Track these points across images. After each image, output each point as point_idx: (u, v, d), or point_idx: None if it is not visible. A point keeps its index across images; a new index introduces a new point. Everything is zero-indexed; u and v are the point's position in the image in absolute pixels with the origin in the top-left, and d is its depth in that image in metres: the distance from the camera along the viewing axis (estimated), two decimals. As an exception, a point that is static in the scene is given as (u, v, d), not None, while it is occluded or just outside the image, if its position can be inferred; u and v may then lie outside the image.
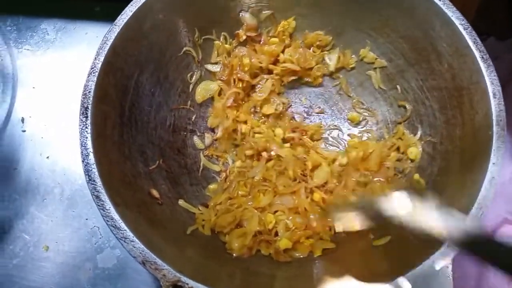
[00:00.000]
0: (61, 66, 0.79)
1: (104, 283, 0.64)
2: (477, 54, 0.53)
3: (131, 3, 0.57)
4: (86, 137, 0.50)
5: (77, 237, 0.67)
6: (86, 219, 0.68)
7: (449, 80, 0.57)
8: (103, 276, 0.65)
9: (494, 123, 0.50)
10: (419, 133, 0.62)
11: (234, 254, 0.57)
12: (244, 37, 0.68)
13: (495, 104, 0.51)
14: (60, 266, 0.66)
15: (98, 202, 0.48)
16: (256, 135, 0.66)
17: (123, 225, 0.47)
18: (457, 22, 0.55)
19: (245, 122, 0.66)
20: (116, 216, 0.47)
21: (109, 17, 0.57)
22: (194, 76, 0.68)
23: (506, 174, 0.82)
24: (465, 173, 0.52)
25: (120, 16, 0.56)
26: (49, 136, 0.74)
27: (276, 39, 0.68)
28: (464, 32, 0.54)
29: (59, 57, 0.80)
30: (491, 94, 0.51)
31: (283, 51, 0.69)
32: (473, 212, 0.47)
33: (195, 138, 0.67)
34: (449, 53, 0.56)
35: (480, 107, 0.52)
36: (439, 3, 0.55)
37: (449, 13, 0.55)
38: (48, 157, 0.72)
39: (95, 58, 0.54)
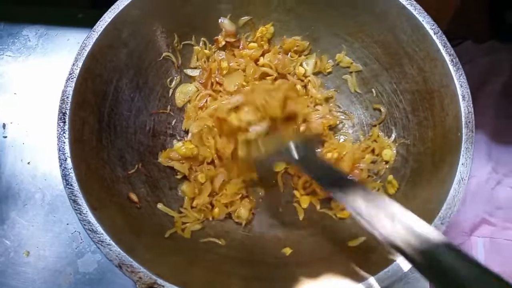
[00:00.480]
0: (43, 72, 0.80)
1: (85, 287, 0.64)
2: (447, 58, 0.54)
3: (110, 9, 0.58)
4: (64, 142, 0.51)
5: (58, 242, 0.67)
6: (67, 224, 0.68)
7: (421, 83, 0.58)
8: (84, 280, 0.65)
9: (463, 125, 0.52)
10: (393, 135, 0.63)
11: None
12: (223, 42, 0.69)
13: (464, 106, 0.52)
14: (41, 271, 0.66)
15: (75, 206, 0.48)
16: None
17: (99, 228, 0.47)
18: (427, 26, 0.56)
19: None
20: (93, 220, 0.48)
21: (91, 24, 0.57)
22: (174, 81, 0.69)
23: (483, 175, 0.84)
24: (435, 174, 0.53)
25: (98, 22, 0.57)
26: (30, 142, 0.74)
27: (254, 44, 0.69)
28: (434, 37, 0.56)
29: (40, 64, 0.81)
30: (460, 97, 0.53)
31: (262, 56, 0.70)
32: (442, 212, 0.48)
33: (175, 142, 0.67)
34: (420, 57, 0.58)
35: (450, 109, 0.54)
36: (410, 8, 0.57)
37: (420, 18, 0.56)
38: (29, 162, 0.73)
39: (73, 64, 0.55)
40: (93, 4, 0.95)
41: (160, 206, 0.60)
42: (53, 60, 0.81)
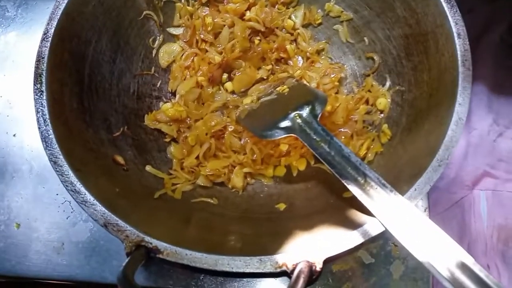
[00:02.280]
0: (23, 43, 0.77)
1: (79, 256, 0.63)
2: (441, -4, 0.52)
3: (82, -36, 0.55)
4: (42, 104, 0.49)
5: (48, 213, 0.66)
6: (57, 194, 0.67)
7: (414, 26, 0.56)
8: (77, 250, 0.64)
9: (460, 63, 0.49)
10: (387, 83, 0.61)
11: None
12: (207, -4, 0.66)
13: (460, 44, 0.50)
14: (33, 243, 0.64)
15: (56, 168, 0.46)
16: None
17: (82, 188, 0.46)
18: (418, -37, 0.53)
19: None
20: (75, 180, 0.46)
21: None
22: (157, 41, 0.66)
23: (484, 126, 0.82)
24: (432, 117, 0.51)
25: (71, -21, 0.54)
26: (14, 114, 0.72)
27: (240, -3, 0.66)
28: (426, -27, 0.53)
29: (21, 34, 0.78)
30: (455, 35, 0.50)
31: (248, 10, 0.67)
32: (440, 153, 0.46)
33: (162, 104, 0.65)
34: (412, -3, 0.55)
35: (445, 49, 0.51)
36: None
37: (410, -45, 0.53)
38: (14, 135, 0.71)
39: (48, 23, 0.53)
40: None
41: (148, 168, 0.58)
42: (33, 30, 0.78)
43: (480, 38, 0.86)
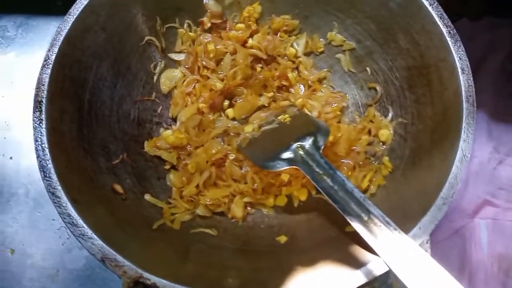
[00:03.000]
0: (23, 63, 0.77)
1: (73, 284, 0.62)
2: (444, 30, 0.52)
3: (86, -9, 0.55)
4: (41, 132, 0.48)
5: (44, 239, 0.65)
6: (53, 219, 0.66)
7: (417, 58, 0.56)
8: (72, 277, 0.63)
9: (464, 99, 0.49)
10: (390, 114, 0.61)
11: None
12: (209, 24, 0.66)
13: (464, 80, 0.50)
14: (27, 270, 0.63)
15: (54, 199, 0.45)
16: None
17: (80, 221, 0.45)
18: (422, -3, 0.53)
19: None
20: (73, 212, 0.45)
21: None
22: (158, 66, 0.66)
23: (484, 155, 0.82)
24: (436, 153, 0.50)
25: (74, 5, 0.55)
26: (12, 136, 0.71)
27: (242, 25, 0.66)
28: (430, 8, 0.53)
29: (20, 54, 0.78)
30: (459, 70, 0.50)
31: (250, 37, 0.67)
32: (445, 192, 0.45)
33: (162, 131, 0.64)
34: (415, 30, 0.55)
35: (449, 84, 0.51)
36: (403, -21, 0.54)
37: (414, -11, 0.53)
38: (11, 157, 0.70)
39: (49, 49, 0.52)
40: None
41: (147, 197, 0.57)
42: (33, 50, 0.78)
43: (480, 65, 0.87)
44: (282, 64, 0.66)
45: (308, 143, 0.53)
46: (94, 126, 0.56)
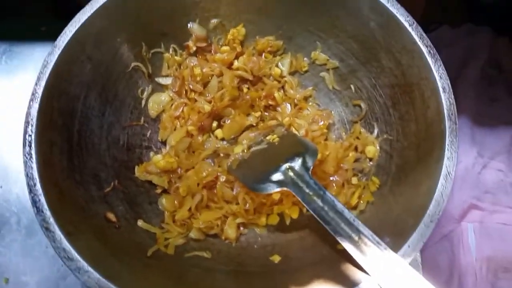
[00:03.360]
0: (8, 90, 0.77)
1: (70, 312, 0.62)
2: (424, 49, 0.53)
3: (70, 23, 0.55)
4: (32, 167, 0.48)
5: (38, 266, 0.65)
6: (46, 247, 0.66)
7: (400, 76, 0.57)
8: (68, 305, 0.63)
9: (446, 117, 0.51)
10: (375, 131, 0.62)
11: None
12: (194, 48, 0.67)
13: (445, 99, 0.51)
14: (23, 299, 0.63)
15: (48, 234, 0.46)
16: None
17: (76, 255, 0.45)
18: (402, 18, 0.55)
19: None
20: (67, 246, 0.45)
21: (56, 37, 0.55)
22: (146, 91, 0.66)
23: (469, 159, 0.83)
24: (421, 169, 0.52)
25: (59, 37, 0.54)
26: (0, 164, 0.71)
27: (227, 48, 0.67)
28: (410, 29, 0.54)
29: (5, 81, 0.77)
30: (440, 89, 0.52)
31: (236, 59, 0.68)
32: (431, 210, 0.47)
33: (152, 155, 0.65)
34: (397, 49, 0.56)
35: (431, 102, 0.53)
36: (383, 0, 0.55)
37: (394, 10, 0.55)
38: (1, 186, 0.70)
39: (36, 83, 0.52)
40: (56, 15, 0.91)
41: (140, 223, 0.58)
42: (19, 77, 0.78)
43: (461, 70, 0.89)
44: (268, 84, 0.67)
45: (297, 164, 0.54)
46: (84, 156, 0.56)
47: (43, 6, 0.85)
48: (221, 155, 0.64)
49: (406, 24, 0.54)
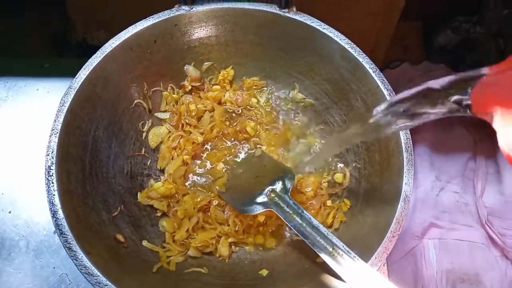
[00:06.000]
0: (15, 123, 0.83)
1: (77, 328, 0.68)
2: (385, 92, 0.63)
3: (84, 66, 0.63)
4: (53, 194, 0.55)
5: (46, 286, 0.70)
6: (54, 267, 0.72)
7: (365, 114, 0.67)
8: (75, 321, 0.69)
9: (404, 150, 0.60)
10: (347, 159, 0.72)
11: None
12: (190, 87, 0.76)
13: (403, 134, 0.61)
14: (32, 317, 0.69)
15: (70, 253, 0.52)
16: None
17: (96, 271, 0.52)
18: (367, 66, 0.65)
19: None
20: (88, 264, 0.52)
21: (58, 72, 0.60)
22: (146, 125, 0.74)
23: (428, 183, 0.93)
24: (384, 193, 0.62)
25: (74, 79, 0.62)
26: (9, 191, 0.77)
27: (218, 87, 0.77)
28: (373, 75, 0.64)
29: (12, 115, 0.84)
30: (399, 127, 0.62)
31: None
32: (393, 227, 0.56)
33: (152, 182, 0.73)
34: (363, 91, 0.67)
35: (392, 137, 0.62)
36: (351, 50, 0.66)
37: (360, 59, 0.65)
38: (10, 212, 0.76)
39: (55, 120, 0.59)
40: (59, 51, 0.99)
41: (145, 243, 0.65)
42: (24, 111, 0.84)
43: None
44: (240, 120, 0.78)
45: (278, 187, 0.64)
46: (95, 184, 0.64)
47: (43, 45, 0.93)
48: (211, 178, 0.73)
49: (371, 71, 0.65)
